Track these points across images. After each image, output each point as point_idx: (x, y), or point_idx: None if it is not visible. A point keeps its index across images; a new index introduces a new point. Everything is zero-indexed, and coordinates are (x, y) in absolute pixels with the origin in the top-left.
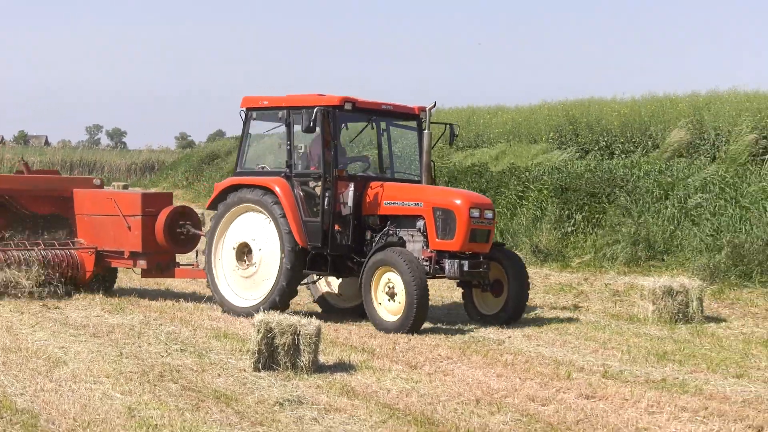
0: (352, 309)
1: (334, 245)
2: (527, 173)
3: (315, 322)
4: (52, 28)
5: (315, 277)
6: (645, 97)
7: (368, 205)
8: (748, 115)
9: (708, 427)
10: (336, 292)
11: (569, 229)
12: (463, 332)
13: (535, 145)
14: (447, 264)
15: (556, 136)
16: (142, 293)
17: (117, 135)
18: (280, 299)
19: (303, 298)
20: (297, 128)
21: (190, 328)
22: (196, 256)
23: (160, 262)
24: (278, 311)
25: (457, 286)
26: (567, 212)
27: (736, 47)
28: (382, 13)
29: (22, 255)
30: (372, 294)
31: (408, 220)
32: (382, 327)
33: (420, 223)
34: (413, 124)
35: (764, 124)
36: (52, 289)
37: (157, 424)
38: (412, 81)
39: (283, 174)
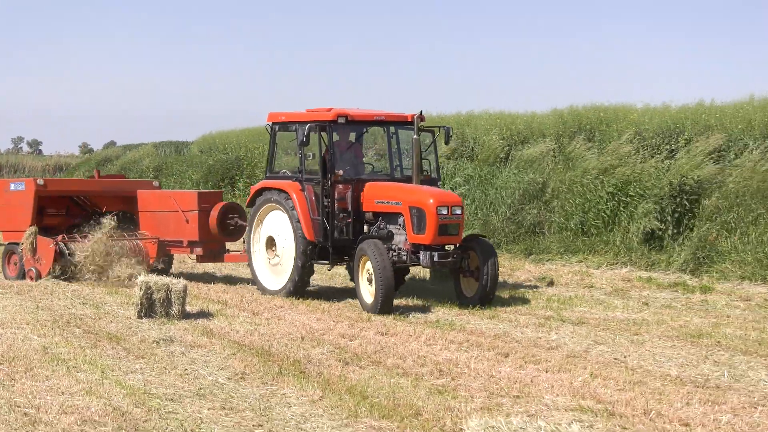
0: None
1: (334, 239)
2: None
3: (183, 281)
4: None
5: None
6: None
7: (364, 204)
8: (496, 129)
9: (469, 354)
10: None
11: None
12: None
13: None
14: (421, 255)
15: None
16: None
17: (35, 144)
18: (299, 282)
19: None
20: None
21: (90, 287)
22: (243, 243)
23: (213, 249)
24: (297, 291)
25: (449, 272)
26: None
27: (487, 76)
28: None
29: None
30: (358, 279)
31: (393, 217)
32: (365, 307)
33: (401, 219)
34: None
35: (507, 136)
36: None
37: (65, 359)
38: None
39: (296, 178)
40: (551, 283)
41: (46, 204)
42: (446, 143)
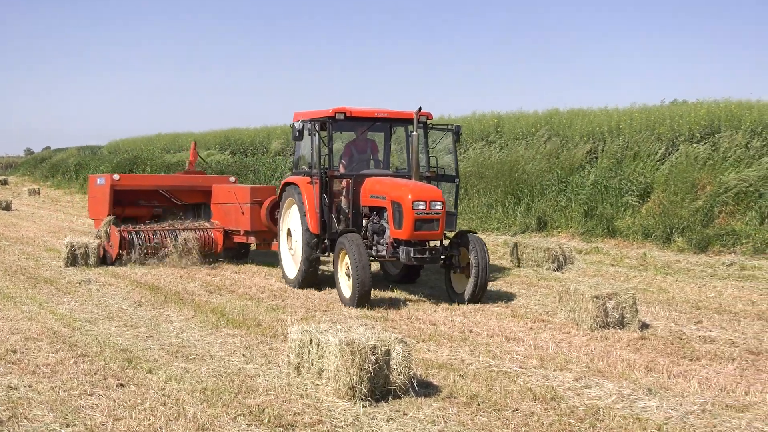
0: (399, 275)
1: (330, 232)
2: (218, 163)
3: (97, 241)
4: None
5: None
6: (266, 127)
7: (362, 198)
8: None
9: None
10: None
11: None
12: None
13: (214, 151)
14: (400, 251)
15: (226, 145)
16: (6, 234)
17: None
18: (306, 271)
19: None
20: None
21: (32, 247)
22: None
23: (266, 238)
24: (304, 283)
25: (441, 267)
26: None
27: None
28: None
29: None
30: (338, 272)
31: (382, 211)
32: (343, 300)
33: (386, 214)
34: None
35: None
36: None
37: (13, 296)
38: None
39: (306, 173)
40: None
41: (136, 197)
42: (457, 141)
